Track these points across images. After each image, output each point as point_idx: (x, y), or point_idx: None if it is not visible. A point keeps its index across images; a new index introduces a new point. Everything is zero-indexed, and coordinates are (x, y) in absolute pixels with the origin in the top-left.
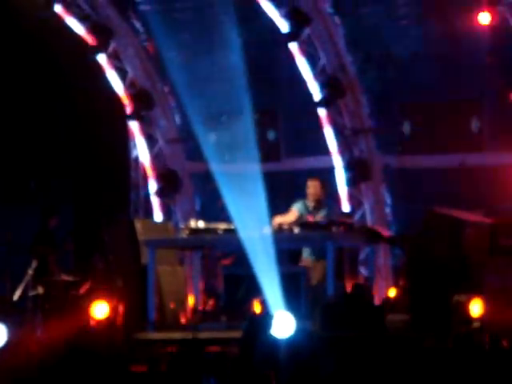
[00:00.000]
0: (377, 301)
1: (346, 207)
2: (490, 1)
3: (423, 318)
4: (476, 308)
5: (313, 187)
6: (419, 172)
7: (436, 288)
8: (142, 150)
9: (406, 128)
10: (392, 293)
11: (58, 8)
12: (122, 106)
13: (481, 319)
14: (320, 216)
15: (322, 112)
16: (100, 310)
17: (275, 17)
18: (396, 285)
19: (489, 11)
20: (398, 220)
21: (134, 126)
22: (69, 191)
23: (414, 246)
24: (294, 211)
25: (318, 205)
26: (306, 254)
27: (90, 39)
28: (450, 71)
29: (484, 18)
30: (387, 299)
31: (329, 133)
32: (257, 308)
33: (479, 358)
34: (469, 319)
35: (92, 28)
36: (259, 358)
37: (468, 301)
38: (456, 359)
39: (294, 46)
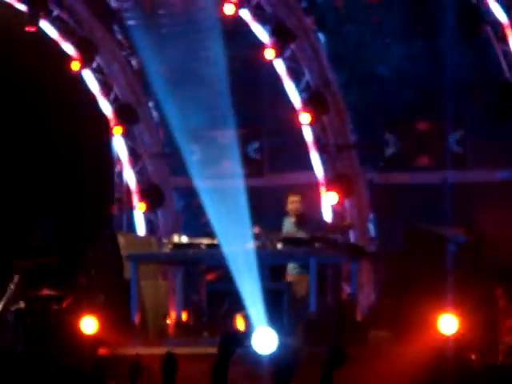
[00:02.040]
0: (360, 317)
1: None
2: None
3: (405, 334)
4: (448, 324)
5: (292, 203)
6: (402, 188)
7: (417, 304)
8: (125, 165)
9: (389, 144)
10: (374, 309)
11: (43, 24)
12: (106, 120)
13: (454, 335)
14: (303, 232)
15: (305, 128)
16: (88, 324)
17: (260, 33)
18: (379, 301)
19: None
20: (381, 236)
21: (118, 140)
22: (52, 205)
23: (397, 262)
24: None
25: (301, 220)
26: (291, 269)
27: (74, 54)
28: (433, 88)
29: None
30: (370, 315)
31: (312, 149)
32: (239, 323)
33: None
34: (441, 335)
35: (77, 43)
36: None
37: (440, 317)
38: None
39: (278, 63)
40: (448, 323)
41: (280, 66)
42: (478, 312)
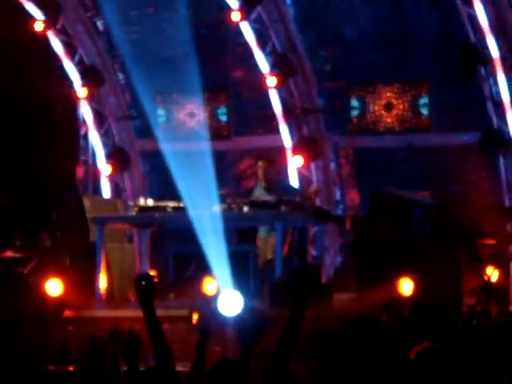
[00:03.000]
0: (324, 280)
1: (295, 186)
2: None
3: (370, 298)
4: (407, 287)
5: (259, 168)
6: (368, 152)
7: (382, 268)
8: (90, 128)
9: (355, 108)
10: (339, 272)
11: None
12: (70, 82)
13: (412, 298)
14: (271, 197)
15: (272, 91)
16: (52, 287)
17: None
18: (344, 264)
19: None
20: (347, 199)
21: (83, 103)
22: (17, 168)
23: (362, 225)
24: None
25: (270, 185)
26: (261, 233)
27: (37, 14)
28: (399, 51)
29: None
30: (335, 278)
31: (279, 112)
32: (207, 286)
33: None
34: (401, 298)
35: (40, 3)
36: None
37: (399, 280)
38: (396, 339)
39: (244, 25)
40: (406, 286)
41: (246, 29)
42: (442, 274)
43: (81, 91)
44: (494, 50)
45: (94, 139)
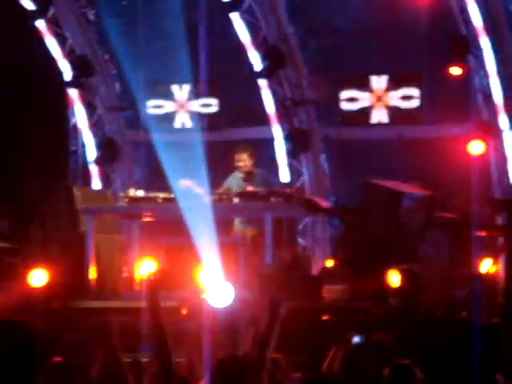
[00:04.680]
0: (314, 271)
1: (285, 178)
2: None
3: (360, 289)
4: (395, 279)
5: (243, 161)
6: (358, 143)
7: (372, 259)
8: (80, 118)
9: (345, 99)
10: (330, 263)
11: None
12: (60, 72)
13: (401, 290)
14: (253, 186)
15: (262, 82)
16: (38, 277)
17: None
18: (334, 255)
19: None
20: (337, 191)
21: (73, 92)
22: (5, 158)
23: (352, 217)
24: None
25: (249, 176)
26: (237, 225)
27: (28, 4)
28: (389, 43)
29: None
30: (325, 270)
31: (269, 103)
32: (197, 276)
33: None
34: (390, 290)
35: None
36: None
37: (388, 272)
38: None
39: (235, 15)
40: (394, 277)
41: (237, 20)
42: (431, 265)
43: (71, 82)
44: (485, 42)
45: (84, 129)
